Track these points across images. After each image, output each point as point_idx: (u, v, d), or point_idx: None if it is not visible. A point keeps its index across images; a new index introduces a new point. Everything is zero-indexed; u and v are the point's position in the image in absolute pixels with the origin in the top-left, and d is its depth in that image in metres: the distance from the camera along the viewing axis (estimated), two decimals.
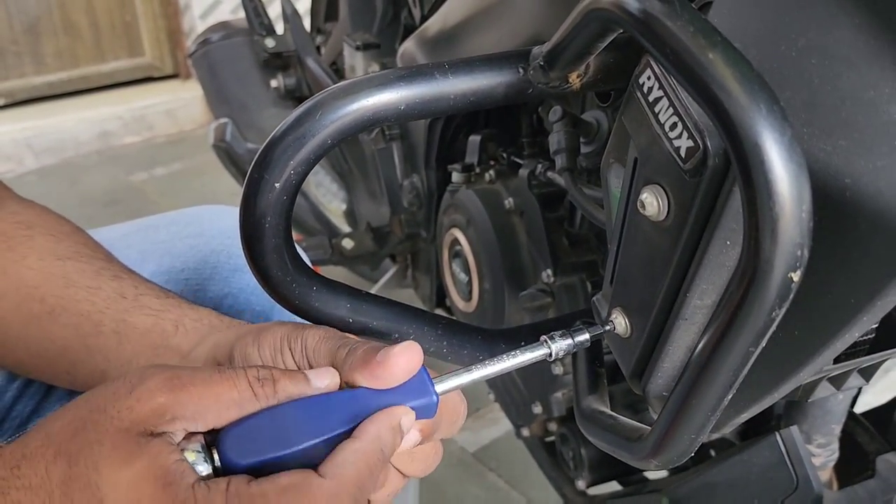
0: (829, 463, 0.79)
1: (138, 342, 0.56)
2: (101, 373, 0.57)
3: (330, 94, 0.50)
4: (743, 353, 0.38)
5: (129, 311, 0.58)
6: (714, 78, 0.34)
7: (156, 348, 0.55)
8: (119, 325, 0.57)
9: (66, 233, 0.64)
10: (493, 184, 0.95)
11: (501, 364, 0.50)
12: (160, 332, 0.56)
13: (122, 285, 0.60)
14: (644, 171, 0.44)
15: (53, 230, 0.64)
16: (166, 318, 0.57)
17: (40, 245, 0.62)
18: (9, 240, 0.62)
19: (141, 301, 0.59)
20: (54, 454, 0.39)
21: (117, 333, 0.56)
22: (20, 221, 0.64)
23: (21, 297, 0.59)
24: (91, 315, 0.57)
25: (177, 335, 0.56)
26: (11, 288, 0.60)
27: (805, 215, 0.33)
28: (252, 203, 0.50)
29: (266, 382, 0.43)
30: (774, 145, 0.32)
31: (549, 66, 0.51)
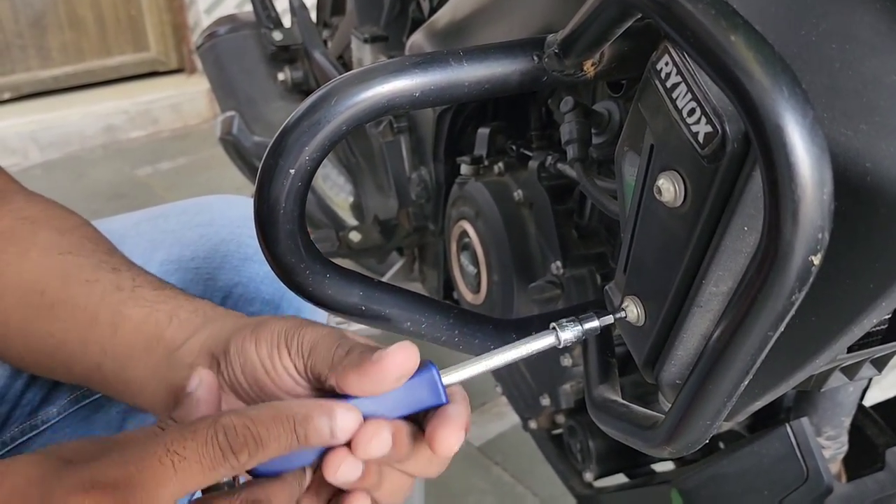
0: (838, 455, 0.79)
1: (132, 333, 0.56)
2: (97, 366, 0.57)
3: (345, 80, 0.50)
4: (762, 338, 0.38)
5: (124, 302, 0.57)
6: (736, 60, 0.34)
7: (148, 339, 0.55)
8: (115, 317, 0.57)
9: (69, 227, 0.64)
10: (502, 176, 0.95)
11: (510, 353, 0.50)
12: (154, 324, 0.56)
13: (120, 277, 0.60)
14: (661, 158, 0.44)
15: (58, 225, 0.64)
16: (161, 310, 0.57)
17: (43, 240, 0.62)
18: (13, 236, 0.62)
19: (137, 293, 0.58)
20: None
21: (112, 325, 0.56)
22: (25, 217, 0.64)
23: (22, 292, 0.59)
24: (87, 308, 0.57)
25: (170, 326, 0.55)
26: (13, 283, 0.60)
27: (826, 198, 0.32)
28: (266, 189, 0.50)
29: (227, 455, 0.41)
30: (797, 127, 0.32)
31: (564, 53, 0.51)
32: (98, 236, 0.65)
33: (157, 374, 0.53)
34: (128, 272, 0.60)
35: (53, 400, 0.73)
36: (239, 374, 0.49)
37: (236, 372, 0.50)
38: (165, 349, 0.54)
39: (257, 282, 0.77)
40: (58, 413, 0.73)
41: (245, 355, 0.49)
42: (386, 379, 0.45)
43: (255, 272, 0.76)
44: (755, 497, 0.73)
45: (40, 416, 0.72)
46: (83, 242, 0.63)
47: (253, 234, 0.76)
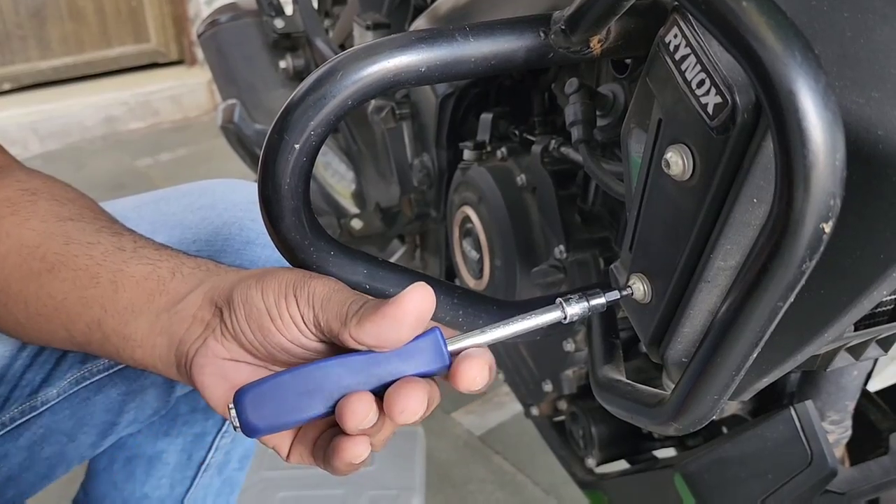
0: (842, 440, 0.79)
1: (134, 289, 0.56)
2: (97, 323, 0.57)
3: (351, 55, 0.49)
4: (771, 309, 0.37)
5: (126, 261, 0.58)
6: (748, 27, 0.33)
7: (151, 294, 0.55)
8: (116, 276, 0.57)
9: (70, 198, 0.65)
10: (505, 161, 0.95)
11: (516, 326, 0.50)
12: (156, 279, 0.56)
13: (122, 240, 0.60)
14: (669, 131, 0.44)
15: (58, 195, 0.64)
16: (163, 266, 0.57)
17: (44, 209, 0.62)
18: (13, 205, 0.62)
19: (139, 252, 0.59)
20: None
21: (114, 283, 0.56)
22: (26, 189, 0.64)
23: (22, 258, 0.59)
24: (89, 268, 0.57)
25: (173, 280, 0.56)
26: (13, 249, 0.60)
27: (839, 164, 0.32)
28: (271, 165, 0.50)
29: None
30: (809, 93, 0.32)
31: (570, 29, 0.51)
32: (97, 207, 0.66)
33: (158, 327, 0.53)
34: (129, 235, 0.61)
35: (53, 381, 0.73)
36: (243, 323, 0.49)
37: (240, 320, 0.49)
38: (167, 301, 0.54)
39: (259, 265, 0.76)
40: (57, 394, 0.72)
41: (250, 303, 0.49)
42: (405, 321, 0.45)
43: (257, 256, 0.76)
44: (759, 481, 0.72)
45: (40, 397, 0.72)
46: (83, 211, 0.63)
47: (255, 217, 0.76)
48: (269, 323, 0.48)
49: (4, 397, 0.71)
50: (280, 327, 0.48)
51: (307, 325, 0.48)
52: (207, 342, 0.51)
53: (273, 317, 0.48)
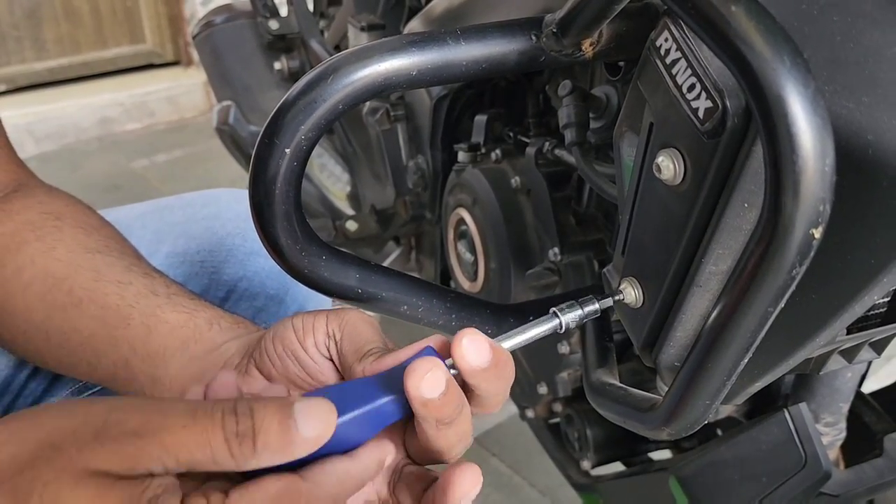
0: (836, 442, 0.79)
1: (169, 335, 0.55)
2: (125, 362, 0.56)
3: (342, 58, 0.49)
4: (762, 314, 0.37)
5: (161, 307, 0.57)
6: (737, 31, 0.33)
7: (185, 341, 0.54)
8: (149, 320, 0.56)
9: (94, 226, 0.64)
10: (499, 163, 0.94)
11: (514, 340, 0.49)
12: (193, 327, 0.55)
13: (154, 283, 0.59)
14: (660, 135, 0.44)
15: (82, 223, 0.64)
16: (200, 316, 0.56)
17: (69, 237, 0.61)
18: (37, 229, 0.61)
19: (173, 300, 0.58)
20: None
21: (146, 326, 0.56)
22: (49, 212, 0.63)
23: (47, 288, 0.59)
24: (120, 308, 0.57)
25: (211, 331, 0.55)
26: (38, 278, 0.59)
27: (828, 169, 0.32)
28: (262, 168, 0.50)
29: (245, 440, 0.36)
30: (798, 98, 0.32)
31: (562, 32, 0.51)
32: (122, 238, 0.65)
33: (190, 371, 0.52)
34: (160, 279, 0.60)
35: (55, 391, 0.72)
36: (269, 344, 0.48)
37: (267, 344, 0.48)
38: (203, 349, 0.53)
39: (262, 276, 0.76)
40: None
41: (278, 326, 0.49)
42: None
43: (260, 267, 0.76)
44: (753, 483, 0.72)
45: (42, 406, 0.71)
46: (109, 243, 0.62)
47: None
48: (291, 334, 0.48)
49: (7, 407, 0.71)
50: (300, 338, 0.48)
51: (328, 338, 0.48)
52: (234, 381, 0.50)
53: (296, 328, 0.48)
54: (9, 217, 0.62)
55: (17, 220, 0.62)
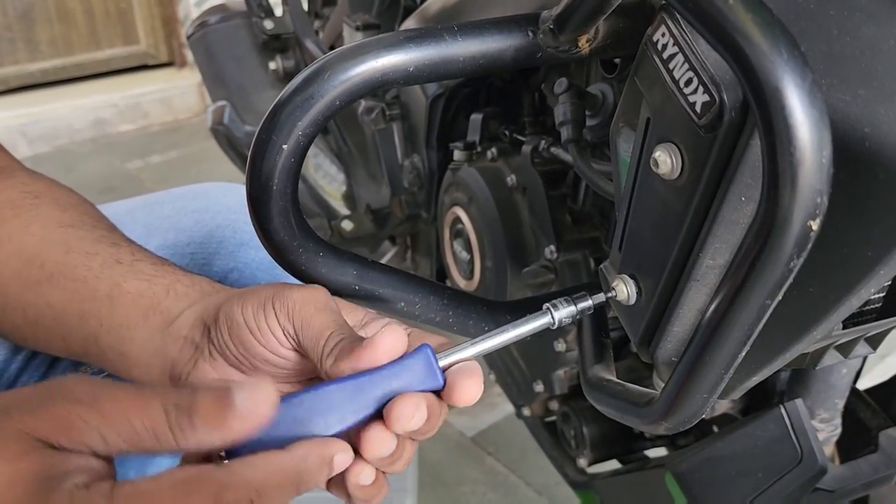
0: (832, 438, 0.79)
1: (130, 306, 0.55)
2: (94, 338, 0.56)
3: (339, 55, 0.49)
4: (759, 307, 0.37)
5: (124, 275, 0.57)
6: (734, 24, 0.33)
7: (146, 311, 0.54)
8: (113, 290, 0.56)
9: (72, 203, 0.64)
10: (495, 161, 0.94)
11: (505, 335, 0.49)
12: (151, 296, 0.55)
13: (120, 252, 0.59)
14: (657, 130, 0.44)
15: (60, 200, 0.64)
16: (159, 283, 0.56)
17: (45, 213, 0.61)
18: (16, 207, 0.61)
19: (136, 267, 0.58)
20: None
21: (110, 297, 0.55)
22: (28, 191, 0.63)
23: (22, 263, 0.59)
24: (87, 280, 0.57)
25: (167, 298, 0.55)
26: (14, 254, 0.59)
27: (825, 161, 0.32)
28: (259, 165, 0.50)
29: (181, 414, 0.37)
30: (795, 90, 0.32)
31: (558, 28, 0.51)
32: (98, 213, 0.65)
33: (152, 347, 0.53)
34: (127, 247, 0.60)
35: (52, 377, 0.72)
36: (226, 338, 0.49)
37: (224, 336, 0.49)
38: (161, 321, 0.53)
39: (253, 268, 0.76)
40: None
41: (231, 318, 0.49)
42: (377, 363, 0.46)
43: (251, 258, 0.76)
44: (750, 479, 0.73)
45: None
46: (83, 218, 0.62)
47: (248, 220, 0.75)
48: (248, 336, 0.48)
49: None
50: (259, 339, 0.48)
51: (287, 336, 0.48)
52: (198, 364, 0.51)
53: (252, 329, 0.48)
54: None
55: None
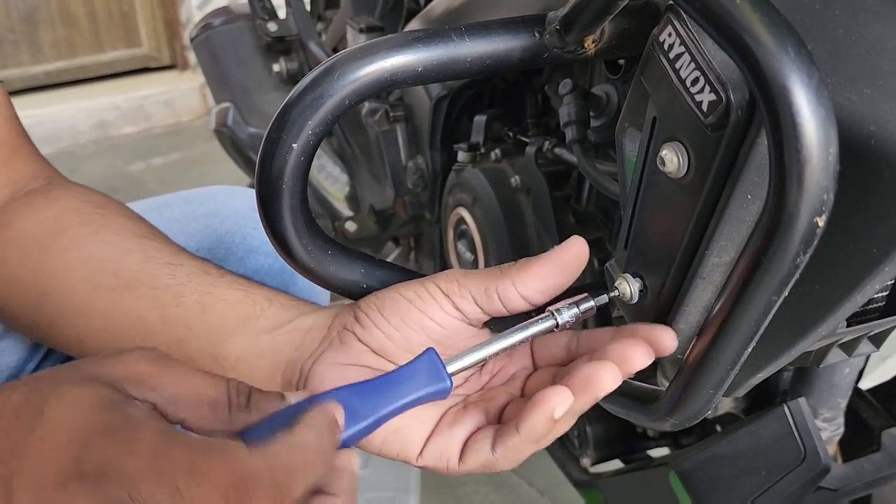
0: (834, 437, 0.80)
1: (225, 312, 0.55)
2: (179, 342, 0.55)
3: (348, 55, 0.50)
4: (766, 302, 0.38)
5: (214, 284, 0.57)
6: (741, 23, 0.34)
7: (245, 317, 0.55)
8: (204, 297, 0.56)
9: (136, 217, 0.65)
10: (498, 162, 0.95)
11: (510, 339, 0.49)
12: (252, 303, 0.55)
13: (205, 265, 0.59)
14: (664, 129, 0.45)
15: (124, 212, 0.65)
16: (257, 293, 0.56)
17: (117, 223, 0.62)
18: (81, 215, 0.62)
19: (226, 278, 0.58)
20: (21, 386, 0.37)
21: (201, 304, 0.56)
22: (91, 200, 0.64)
23: (91, 270, 0.59)
24: (171, 288, 0.57)
25: (271, 307, 0.55)
26: (83, 260, 0.59)
27: (832, 158, 0.33)
28: (269, 163, 0.50)
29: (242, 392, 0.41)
30: (802, 88, 0.32)
31: (565, 29, 0.52)
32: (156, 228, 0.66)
33: (258, 349, 0.53)
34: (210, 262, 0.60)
35: None
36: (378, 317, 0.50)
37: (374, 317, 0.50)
38: (268, 325, 0.53)
39: (262, 273, 0.76)
40: None
41: (383, 297, 0.50)
42: (568, 264, 0.48)
43: (260, 264, 0.76)
44: (753, 478, 0.73)
45: None
46: (153, 231, 0.63)
47: (257, 226, 0.76)
48: (407, 305, 0.49)
49: None
50: (420, 305, 0.49)
51: (449, 296, 0.49)
52: (325, 354, 0.51)
53: (411, 298, 0.49)
54: (51, 203, 0.63)
55: (60, 205, 0.63)
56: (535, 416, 0.43)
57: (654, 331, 0.46)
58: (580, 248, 0.48)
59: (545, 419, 0.43)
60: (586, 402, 0.44)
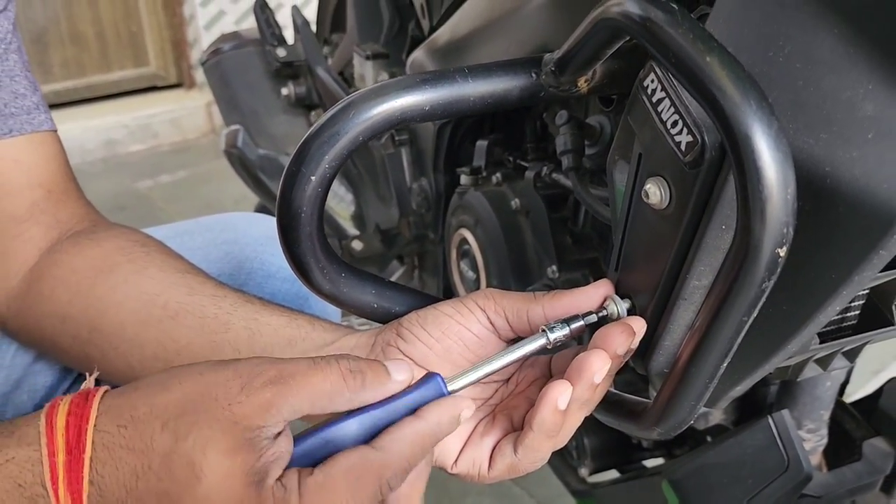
0: (818, 447, 0.84)
1: (273, 335, 0.59)
2: None
3: (362, 95, 0.54)
4: (737, 323, 0.42)
5: (258, 311, 0.61)
6: (711, 78, 0.39)
7: (290, 339, 0.59)
8: (250, 323, 0.60)
9: (176, 255, 0.70)
10: (499, 186, 1.00)
11: (505, 358, 0.53)
12: (296, 327, 0.60)
13: (247, 295, 0.64)
14: (648, 165, 0.49)
15: (165, 250, 0.69)
16: (300, 317, 0.61)
17: (158, 259, 0.67)
18: (127, 253, 0.66)
19: (268, 307, 0.62)
20: (161, 426, 0.42)
21: (248, 329, 0.60)
22: (134, 240, 0.69)
23: (141, 304, 0.63)
24: (218, 316, 0.61)
25: (314, 330, 0.60)
26: (132, 295, 0.64)
27: (790, 197, 0.37)
28: (289, 195, 0.55)
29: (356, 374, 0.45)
30: (763, 136, 0.37)
31: (560, 71, 0.56)
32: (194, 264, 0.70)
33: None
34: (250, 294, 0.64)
35: None
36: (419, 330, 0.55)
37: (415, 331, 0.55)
38: (313, 345, 0.58)
39: (279, 297, 0.80)
40: None
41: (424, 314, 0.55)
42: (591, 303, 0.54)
43: (277, 288, 0.80)
44: (740, 485, 0.77)
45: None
46: (193, 267, 0.67)
47: (274, 251, 0.81)
48: (447, 319, 0.54)
49: None
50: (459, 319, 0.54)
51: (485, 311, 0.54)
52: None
53: (450, 313, 0.55)
54: (97, 244, 0.68)
55: (106, 246, 0.67)
56: (542, 410, 0.49)
57: (629, 319, 0.52)
58: (605, 290, 0.54)
59: (552, 410, 0.49)
60: (584, 388, 0.49)
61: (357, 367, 0.46)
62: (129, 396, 0.45)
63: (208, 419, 0.42)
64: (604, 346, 0.50)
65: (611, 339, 0.50)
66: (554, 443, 0.51)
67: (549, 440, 0.51)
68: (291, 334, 0.59)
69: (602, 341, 0.50)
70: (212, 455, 0.41)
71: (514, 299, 0.55)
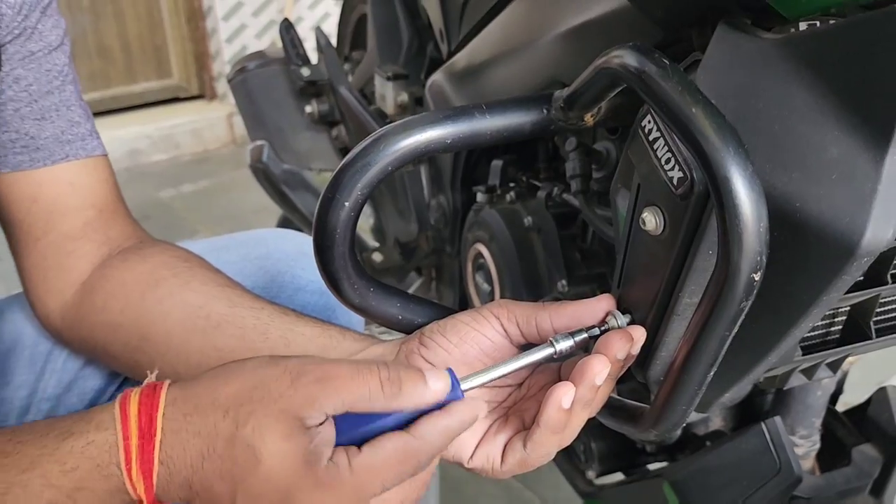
0: (811, 452, 0.90)
1: (307, 344, 0.65)
2: None
3: (391, 129, 0.61)
4: (721, 337, 0.48)
5: (294, 322, 0.67)
6: (696, 127, 0.45)
7: (323, 348, 0.64)
8: (287, 333, 0.66)
9: (214, 268, 0.75)
10: (513, 204, 1.06)
11: (514, 364, 0.58)
12: (328, 337, 0.65)
13: (283, 308, 0.69)
14: (645, 195, 0.55)
15: (206, 265, 0.75)
16: (332, 328, 0.66)
17: (200, 274, 0.72)
18: (172, 268, 0.72)
19: (303, 318, 0.68)
20: (223, 414, 0.48)
21: (285, 339, 0.65)
22: (178, 256, 0.75)
23: (186, 315, 0.69)
24: (257, 327, 0.67)
25: (345, 340, 0.65)
26: (177, 306, 0.69)
27: (763, 230, 0.44)
28: (325, 218, 0.61)
29: (394, 383, 0.50)
30: (740, 178, 0.43)
31: (568, 107, 0.63)
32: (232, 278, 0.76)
33: None
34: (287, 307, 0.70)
35: None
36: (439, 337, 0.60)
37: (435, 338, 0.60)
38: (343, 353, 0.64)
39: (308, 309, 0.85)
40: None
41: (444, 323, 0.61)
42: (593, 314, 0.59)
43: (306, 301, 0.85)
44: (736, 487, 0.83)
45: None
46: (231, 279, 0.73)
47: (304, 266, 0.87)
48: (464, 326, 0.60)
49: None
50: (475, 326, 0.60)
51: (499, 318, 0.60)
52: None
53: (467, 321, 0.60)
54: (144, 259, 0.74)
55: (152, 261, 0.73)
56: (548, 408, 0.55)
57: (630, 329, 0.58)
58: (607, 304, 0.60)
59: (556, 408, 0.54)
60: (586, 388, 0.55)
61: (395, 376, 0.50)
62: (193, 388, 0.50)
63: (263, 409, 0.48)
64: (605, 351, 0.55)
65: (611, 345, 0.55)
66: (559, 439, 0.57)
67: (554, 436, 0.56)
68: (324, 343, 0.65)
69: (603, 347, 0.56)
70: (269, 440, 0.47)
71: (525, 308, 0.60)
